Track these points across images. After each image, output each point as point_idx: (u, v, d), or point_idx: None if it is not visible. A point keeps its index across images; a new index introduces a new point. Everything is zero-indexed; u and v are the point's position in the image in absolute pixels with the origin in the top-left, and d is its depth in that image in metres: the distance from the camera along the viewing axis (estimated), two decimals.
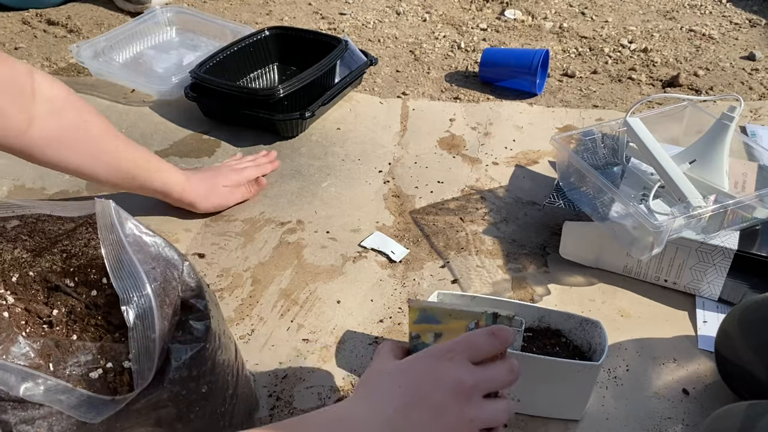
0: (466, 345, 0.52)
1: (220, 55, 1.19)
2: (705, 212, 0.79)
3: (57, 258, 0.63)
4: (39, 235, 0.63)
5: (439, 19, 1.61)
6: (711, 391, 0.73)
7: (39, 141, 0.78)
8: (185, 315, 0.58)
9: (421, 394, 0.51)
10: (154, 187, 0.90)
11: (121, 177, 0.86)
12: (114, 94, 1.26)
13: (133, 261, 0.55)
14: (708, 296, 0.84)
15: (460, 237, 0.95)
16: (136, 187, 0.89)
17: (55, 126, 0.79)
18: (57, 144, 0.80)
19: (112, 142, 0.85)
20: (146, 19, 1.38)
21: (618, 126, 0.94)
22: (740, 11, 1.66)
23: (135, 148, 0.88)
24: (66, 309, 0.62)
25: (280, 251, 0.91)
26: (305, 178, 1.06)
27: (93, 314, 0.62)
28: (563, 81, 1.35)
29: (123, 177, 0.87)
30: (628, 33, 1.54)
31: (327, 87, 1.19)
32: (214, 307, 0.63)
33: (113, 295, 0.57)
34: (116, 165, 0.85)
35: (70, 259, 0.63)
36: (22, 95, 0.75)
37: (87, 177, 0.86)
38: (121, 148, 0.86)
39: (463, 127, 1.20)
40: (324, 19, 1.58)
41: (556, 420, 0.70)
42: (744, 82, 1.35)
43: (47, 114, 0.78)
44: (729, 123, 0.86)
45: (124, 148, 0.86)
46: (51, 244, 0.63)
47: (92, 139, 0.83)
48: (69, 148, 0.81)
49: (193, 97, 1.15)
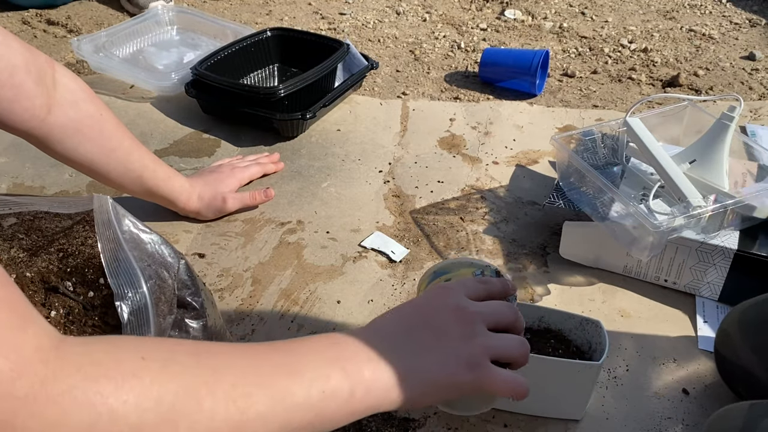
0: (461, 283, 0.55)
1: (222, 53, 1.19)
2: (705, 212, 0.79)
3: (54, 257, 0.63)
4: (36, 233, 0.63)
5: (439, 19, 1.61)
6: (711, 391, 0.73)
7: (58, 129, 0.77)
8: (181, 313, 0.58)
9: (423, 318, 0.52)
10: (161, 193, 0.90)
11: (129, 178, 0.86)
12: (113, 89, 1.26)
13: (129, 258, 0.55)
14: (708, 296, 0.84)
15: (461, 237, 0.95)
16: (143, 191, 0.89)
17: (74, 116, 0.78)
18: (75, 134, 0.79)
19: (126, 140, 0.85)
20: (147, 17, 1.38)
21: (618, 126, 0.94)
22: (740, 11, 1.66)
23: (146, 152, 0.88)
24: (64, 310, 0.62)
25: (280, 251, 0.91)
26: (305, 179, 1.06)
27: (90, 315, 0.62)
28: (563, 81, 1.35)
29: (132, 178, 0.86)
30: (628, 33, 1.54)
31: (327, 89, 1.19)
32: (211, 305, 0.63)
33: (110, 295, 0.57)
34: (127, 164, 0.85)
35: (67, 258, 0.63)
36: (43, 80, 0.74)
37: (99, 173, 0.85)
38: (133, 148, 0.86)
39: (463, 126, 1.20)
40: (324, 19, 1.58)
41: (556, 420, 0.70)
42: (744, 82, 1.35)
43: (67, 103, 0.77)
44: (729, 123, 0.86)
45: (136, 149, 0.86)
46: (48, 243, 0.63)
47: (108, 135, 0.82)
48: (86, 140, 0.80)
49: (194, 93, 1.15)
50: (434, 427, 0.68)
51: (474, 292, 0.55)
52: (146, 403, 0.39)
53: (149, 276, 0.56)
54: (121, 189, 0.89)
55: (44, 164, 1.06)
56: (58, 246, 0.63)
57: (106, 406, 0.37)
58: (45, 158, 1.07)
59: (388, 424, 0.68)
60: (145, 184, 0.87)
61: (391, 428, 0.68)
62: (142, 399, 0.39)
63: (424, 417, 0.69)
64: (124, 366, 0.39)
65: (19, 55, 0.70)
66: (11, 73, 0.69)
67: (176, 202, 0.92)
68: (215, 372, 0.43)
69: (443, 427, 0.68)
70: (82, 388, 0.37)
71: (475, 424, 0.68)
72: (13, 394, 0.35)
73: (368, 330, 0.52)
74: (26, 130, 0.75)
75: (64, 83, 0.77)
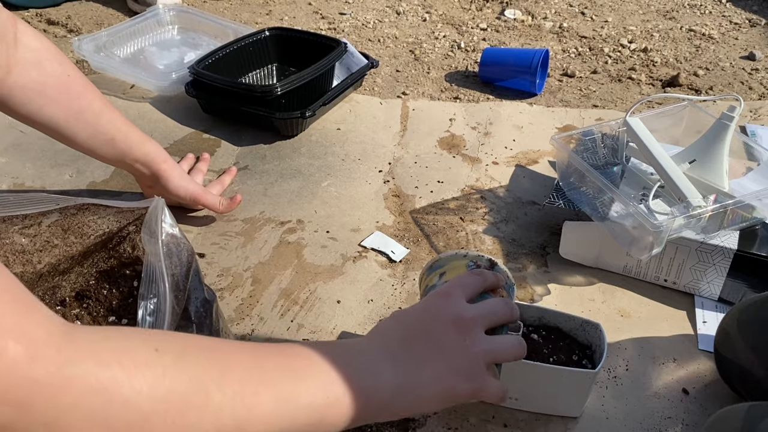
0: (459, 284, 0.56)
1: (220, 52, 1.20)
2: (705, 212, 0.79)
3: (88, 264, 0.63)
4: (74, 235, 0.63)
5: (439, 19, 1.61)
6: (711, 390, 0.73)
7: (19, 91, 0.74)
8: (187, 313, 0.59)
9: (421, 328, 0.53)
10: (134, 155, 0.85)
11: (99, 141, 0.82)
12: (113, 89, 1.26)
13: (163, 272, 0.55)
14: (708, 296, 0.84)
15: (460, 237, 0.95)
16: (115, 155, 0.84)
17: (37, 77, 0.75)
18: (38, 96, 0.76)
19: (95, 102, 0.80)
20: (148, 17, 1.38)
21: (618, 126, 0.94)
22: (740, 11, 1.66)
23: (118, 115, 0.83)
24: (90, 318, 0.62)
25: (280, 251, 0.91)
26: (305, 178, 1.06)
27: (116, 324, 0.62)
28: (563, 81, 1.35)
29: (102, 141, 0.82)
30: (628, 33, 1.54)
31: (325, 88, 1.19)
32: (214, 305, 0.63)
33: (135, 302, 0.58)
34: (96, 126, 0.80)
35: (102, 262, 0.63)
36: (4, 39, 0.71)
37: (65, 136, 0.81)
38: (103, 111, 0.81)
39: (463, 126, 1.20)
40: (324, 19, 1.58)
41: (556, 420, 0.70)
42: (744, 82, 1.36)
43: (29, 63, 0.74)
44: (729, 123, 0.86)
45: (107, 111, 0.82)
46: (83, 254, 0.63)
47: (74, 96, 0.78)
48: (50, 101, 0.77)
49: (194, 93, 1.15)
50: (434, 427, 0.68)
51: (472, 291, 0.56)
52: (158, 393, 0.39)
53: (175, 286, 0.56)
54: (92, 154, 0.84)
55: (44, 164, 1.06)
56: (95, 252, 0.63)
57: (120, 394, 0.37)
58: (45, 158, 1.07)
59: (387, 424, 0.68)
60: (117, 146, 0.83)
61: (390, 428, 0.68)
62: (155, 389, 0.39)
63: (424, 417, 0.69)
64: (137, 355, 0.39)
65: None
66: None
67: (150, 165, 0.87)
68: (225, 368, 0.43)
69: (443, 427, 0.68)
70: (97, 374, 0.37)
71: (475, 425, 0.69)
72: (30, 377, 0.35)
73: (371, 339, 0.53)
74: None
75: (26, 42, 0.74)
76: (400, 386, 0.50)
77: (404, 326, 0.54)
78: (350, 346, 0.52)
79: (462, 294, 0.55)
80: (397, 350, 0.52)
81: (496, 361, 0.53)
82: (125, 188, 1.01)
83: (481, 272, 0.59)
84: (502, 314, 0.55)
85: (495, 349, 0.53)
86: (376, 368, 0.50)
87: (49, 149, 1.08)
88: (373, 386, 0.49)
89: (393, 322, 0.55)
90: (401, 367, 0.50)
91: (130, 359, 0.38)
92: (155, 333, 0.46)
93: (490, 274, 0.59)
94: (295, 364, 0.47)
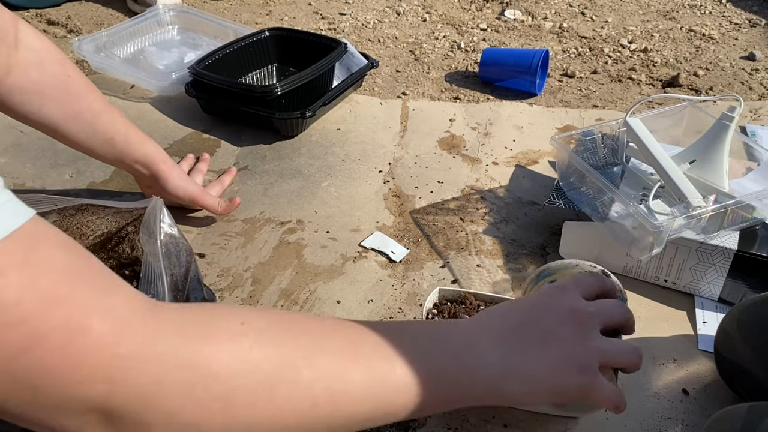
0: (576, 283, 0.54)
1: (220, 53, 1.20)
2: (705, 212, 0.79)
3: None
4: (73, 236, 0.63)
5: (439, 19, 1.61)
6: (711, 391, 0.73)
7: (18, 91, 0.74)
8: None
9: (534, 316, 0.51)
10: (133, 156, 0.85)
11: (99, 140, 0.82)
12: (113, 89, 1.26)
13: (161, 272, 0.55)
14: (708, 296, 0.84)
15: (460, 237, 0.95)
16: (114, 155, 0.84)
17: (37, 77, 0.75)
18: (37, 97, 0.76)
19: (95, 102, 0.81)
20: (148, 17, 1.38)
21: (618, 126, 0.94)
22: (740, 11, 1.66)
23: (119, 115, 0.84)
24: None
25: (280, 251, 0.91)
26: (305, 178, 1.06)
27: None
28: (563, 81, 1.35)
29: (101, 140, 0.82)
30: (628, 33, 1.54)
31: (325, 88, 1.19)
32: None
33: None
34: (95, 125, 0.81)
35: None
36: (5, 39, 0.70)
37: (64, 136, 0.81)
38: (103, 111, 0.82)
39: (463, 127, 1.20)
40: (324, 20, 1.58)
41: (556, 419, 0.70)
42: (744, 82, 1.36)
43: (29, 64, 0.74)
44: (729, 123, 0.86)
45: (106, 111, 0.82)
46: None
47: (74, 96, 0.79)
48: (50, 102, 0.77)
49: (194, 93, 1.15)
50: (434, 427, 0.68)
51: (590, 290, 0.54)
52: (245, 366, 0.38)
53: (174, 286, 0.56)
54: (91, 154, 0.85)
55: (44, 165, 1.06)
56: None
57: (206, 368, 0.37)
58: (45, 158, 1.07)
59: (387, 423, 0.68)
60: (116, 146, 0.83)
61: (390, 428, 0.68)
62: (241, 363, 0.38)
63: (424, 417, 0.69)
64: (223, 329, 0.39)
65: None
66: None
67: (150, 165, 0.87)
68: (315, 343, 0.42)
69: (443, 427, 0.68)
70: (183, 348, 0.37)
71: (476, 425, 0.68)
72: (116, 352, 0.35)
73: (474, 321, 0.51)
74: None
75: (27, 43, 0.74)
76: (509, 367, 0.47)
77: (513, 312, 0.51)
78: (450, 324, 0.50)
79: (579, 291, 0.53)
80: (504, 333, 0.49)
81: (610, 364, 0.51)
82: (125, 188, 1.01)
83: (599, 275, 0.56)
84: (619, 317, 0.53)
85: (611, 350, 0.50)
86: (479, 348, 0.48)
87: (49, 149, 1.08)
88: (476, 366, 0.47)
89: (499, 309, 0.52)
90: (509, 348, 0.48)
91: (217, 333, 0.38)
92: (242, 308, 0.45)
93: (608, 280, 0.57)
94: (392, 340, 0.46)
